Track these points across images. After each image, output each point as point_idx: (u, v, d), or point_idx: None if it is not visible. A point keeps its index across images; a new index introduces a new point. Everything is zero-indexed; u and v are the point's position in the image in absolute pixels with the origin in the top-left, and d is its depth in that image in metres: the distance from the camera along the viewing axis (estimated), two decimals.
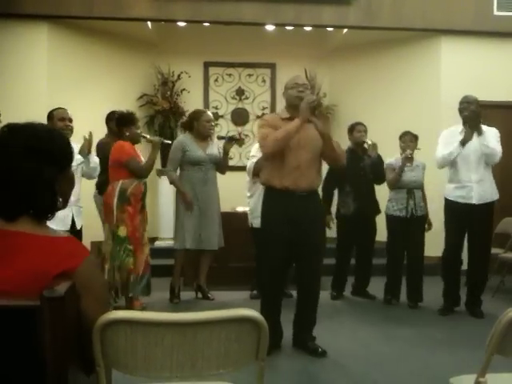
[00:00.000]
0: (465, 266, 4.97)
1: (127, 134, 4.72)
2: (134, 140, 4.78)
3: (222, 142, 5.29)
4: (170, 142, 5.15)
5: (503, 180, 5.90)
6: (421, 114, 6.84)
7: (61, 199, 1.55)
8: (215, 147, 5.25)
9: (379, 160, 5.31)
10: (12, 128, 1.50)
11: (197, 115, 5.22)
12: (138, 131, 4.79)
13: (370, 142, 5.21)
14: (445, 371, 2.58)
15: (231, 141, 5.24)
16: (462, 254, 4.93)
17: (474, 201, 4.75)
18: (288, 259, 3.82)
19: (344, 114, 7.62)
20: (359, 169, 5.30)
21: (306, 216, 3.70)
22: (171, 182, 5.25)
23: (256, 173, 5.07)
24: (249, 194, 5.34)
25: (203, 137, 5.18)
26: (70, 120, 4.31)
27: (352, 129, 5.44)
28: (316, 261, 3.81)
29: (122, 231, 4.59)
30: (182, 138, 5.32)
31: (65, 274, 1.39)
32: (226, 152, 5.23)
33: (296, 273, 3.95)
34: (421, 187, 5.20)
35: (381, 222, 5.41)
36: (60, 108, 4.35)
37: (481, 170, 4.77)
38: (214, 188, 5.23)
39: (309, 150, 3.71)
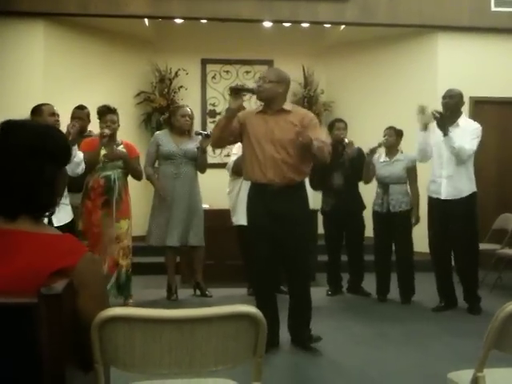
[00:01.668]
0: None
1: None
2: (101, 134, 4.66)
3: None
4: (104, 141, 4.71)
5: (500, 175, 5.91)
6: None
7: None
8: (192, 143, 5.15)
9: (359, 155, 5.32)
10: (12, 126, 1.49)
11: (173, 111, 5.28)
12: (103, 125, 4.65)
13: (346, 141, 5.22)
14: (443, 367, 2.58)
15: (207, 137, 5.05)
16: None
17: (443, 196, 4.74)
18: (274, 254, 3.74)
19: (341, 110, 7.61)
20: (338, 165, 5.30)
21: (282, 211, 3.65)
22: (147, 178, 5.21)
23: (235, 170, 5.05)
24: (228, 190, 5.32)
25: (180, 132, 5.15)
26: (58, 115, 4.28)
27: (332, 126, 5.47)
28: (300, 257, 3.77)
29: (79, 225, 4.57)
30: (158, 133, 5.35)
31: (64, 271, 1.39)
32: (202, 149, 5.11)
33: (285, 271, 3.94)
34: (399, 182, 5.15)
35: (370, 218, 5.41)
36: (47, 104, 4.29)
37: (452, 166, 4.72)
38: (189, 183, 5.13)
39: (275, 143, 3.67)
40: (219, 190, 5.39)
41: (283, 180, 3.67)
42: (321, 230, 6.25)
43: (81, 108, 5.09)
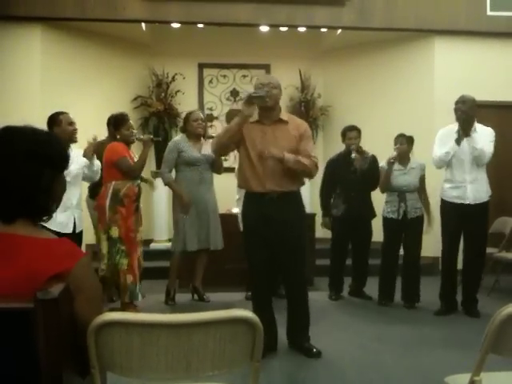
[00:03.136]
0: (460, 265, 4.99)
1: (118, 136, 4.78)
2: (127, 141, 4.77)
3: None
4: (159, 139, 5.13)
5: (498, 179, 5.92)
6: (415, 114, 6.86)
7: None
8: (210, 147, 5.21)
9: (372, 164, 5.32)
10: (11, 131, 1.50)
11: (186, 117, 5.29)
12: (128, 132, 4.75)
13: (353, 156, 5.21)
14: (440, 370, 2.59)
15: None
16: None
17: (469, 201, 4.76)
18: (270, 260, 3.75)
19: (338, 114, 7.65)
20: (350, 172, 5.32)
21: (278, 218, 3.65)
22: (166, 184, 5.24)
23: None
24: (237, 197, 5.33)
25: (195, 136, 5.18)
26: (75, 124, 4.34)
27: (344, 134, 5.48)
28: (297, 262, 3.76)
29: (114, 232, 4.59)
30: (178, 138, 5.34)
31: (60, 275, 1.39)
32: None
33: (282, 276, 3.93)
34: (415, 190, 5.18)
35: (378, 223, 5.41)
36: (64, 112, 4.32)
37: (474, 171, 4.77)
38: (211, 188, 5.24)
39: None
40: (218, 194, 5.40)
41: (281, 188, 3.68)
42: (319, 234, 6.27)
43: None
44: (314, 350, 3.75)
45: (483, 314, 4.68)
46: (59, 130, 4.10)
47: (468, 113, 4.66)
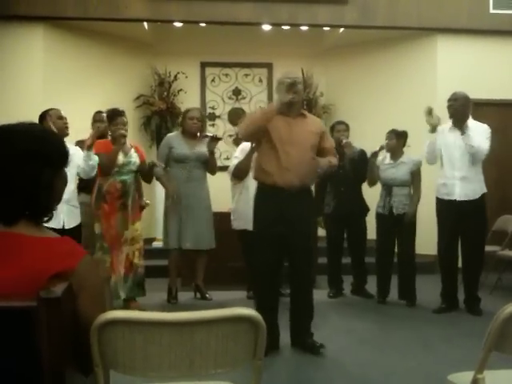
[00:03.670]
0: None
1: (109, 132, 4.76)
2: (113, 137, 4.69)
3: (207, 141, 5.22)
4: (125, 134, 5.00)
5: (500, 177, 5.92)
6: (417, 112, 6.80)
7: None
8: (204, 146, 5.18)
9: (361, 157, 5.32)
10: (7, 130, 1.49)
11: (184, 113, 5.30)
12: (114, 128, 4.66)
13: (344, 141, 5.22)
14: (443, 368, 2.58)
15: (213, 140, 5.12)
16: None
17: (456, 197, 4.74)
18: (280, 258, 3.76)
19: (341, 113, 7.63)
20: (339, 167, 5.30)
21: (295, 214, 3.66)
22: (157, 178, 5.22)
23: (236, 175, 4.94)
24: (231, 194, 5.32)
25: (190, 134, 5.17)
26: (66, 118, 4.31)
27: (332, 128, 5.50)
28: (305, 259, 3.77)
29: (97, 228, 4.60)
30: (171, 134, 5.36)
31: (63, 273, 1.39)
32: (210, 152, 5.16)
33: (288, 272, 3.93)
34: (403, 185, 5.13)
35: (374, 221, 5.40)
36: (53, 108, 4.31)
37: (465, 167, 4.73)
38: (200, 186, 5.18)
39: (299, 147, 3.68)
40: (219, 193, 5.39)
41: (302, 183, 3.69)
42: (320, 232, 6.27)
43: (101, 112, 5.15)
44: (317, 344, 3.75)
45: (485, 312, 4.68)
46: (49, 126, 4.08)
47: (459, 110, 4.64)
